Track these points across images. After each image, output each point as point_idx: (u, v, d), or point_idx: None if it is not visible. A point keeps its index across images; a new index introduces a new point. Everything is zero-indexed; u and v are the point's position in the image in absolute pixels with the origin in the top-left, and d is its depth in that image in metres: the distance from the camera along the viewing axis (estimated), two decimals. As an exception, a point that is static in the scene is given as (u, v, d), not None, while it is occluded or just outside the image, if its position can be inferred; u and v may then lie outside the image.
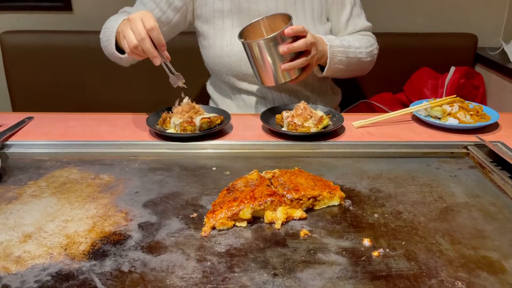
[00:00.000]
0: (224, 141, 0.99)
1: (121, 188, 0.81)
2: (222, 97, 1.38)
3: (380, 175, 0.86)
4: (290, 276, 0.59)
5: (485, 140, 0.94)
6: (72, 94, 1.87)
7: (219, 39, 1.25)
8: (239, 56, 1.22)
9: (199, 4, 1.26)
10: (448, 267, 0.61)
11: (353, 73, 1.29)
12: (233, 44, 1.23)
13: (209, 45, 1.28)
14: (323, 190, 0.75)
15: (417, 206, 0.76)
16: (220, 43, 1.25)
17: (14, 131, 1.02)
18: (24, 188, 0.81)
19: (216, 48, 1.26)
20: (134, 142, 0.97)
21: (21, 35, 1.85)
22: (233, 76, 1.28)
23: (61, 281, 0.58)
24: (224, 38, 1.25)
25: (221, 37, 1.25)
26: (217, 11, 1.24)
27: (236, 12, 1.23)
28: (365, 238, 0.67)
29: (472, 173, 0.88)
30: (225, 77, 1.29)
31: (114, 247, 0.65)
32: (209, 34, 1.27)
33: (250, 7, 1.22)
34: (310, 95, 1.32)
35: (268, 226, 0.70)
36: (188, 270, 0.60)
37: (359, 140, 0.99)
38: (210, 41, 1.27)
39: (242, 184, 0.77)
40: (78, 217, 0.72)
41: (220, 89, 1.38)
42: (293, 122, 0.99)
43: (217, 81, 1.37)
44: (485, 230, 0.70)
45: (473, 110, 1.08)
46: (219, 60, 1.26)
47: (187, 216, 0.73)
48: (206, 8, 1.25)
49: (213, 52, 1.27)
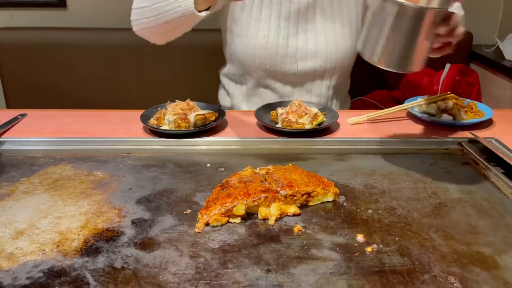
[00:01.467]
0: (218, 137, 0.98)
1: (114, 184, 0.81)
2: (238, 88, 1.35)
3: (374, 171, 0.87)
4: (284, 272, 0.59)
5: (479, 137, 0.94)
6: (66, 91, 1.87)
7: (254, 29, 1.21)
8: (275, 50, 1.20)
9: None
10: (441, 262, 0.61)
11: None
12: (269, 37, 1.20)
13: (242, 34, 1.23)
14: (317, 186, 0.75)
15: (411, 202, 0.76)
16: (256, 33, 1.20)
17: (7, 128, 1.01)
18: (16, 185, 0.80)
19: (251, 38, 1.21)
20: (128, 138, 0.97)
21: (16, 32, 1.84)
22: (262, 70, 1.25)
23: (53, 277, 0.57)
24: (260, 29, 1.20)
25: (257, 26, 1.21)
26: None
27: (276, 2, 1.19)
28: (359, 234, 0.67)
29: (466, 169, 0.88)
30: (253, 69, 1.26)
31: (107, 243, 0.64)
32: (243, 21, 1.22)
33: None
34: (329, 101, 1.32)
35: (262, 222, 0.70)
36: (181, 266, 0.60)
37: (353, 137, 0.99)
38: (244, 29, 1.22)
39: (236, 180, 0.77)
40: (71, 213, 0.72)
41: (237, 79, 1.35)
42: (287, 119, 0.99)
43: (237, 72, 1.32)
44: (478, 225, 0.70)
45: (468, 106, 1.08)
46: (252, 51, 1.22)
47: (180, 212, 0.72)
48: None
49: (246, 41, 1.22)
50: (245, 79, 1.32)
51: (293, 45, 1.21)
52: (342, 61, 1.25)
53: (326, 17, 1.21)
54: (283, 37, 1.21)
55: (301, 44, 1.22)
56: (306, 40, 1.22)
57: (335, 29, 1.22)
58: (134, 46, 1.80)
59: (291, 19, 1.20)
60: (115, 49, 1.82)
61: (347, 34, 1.24)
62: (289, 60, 1.23)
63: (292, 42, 1.21)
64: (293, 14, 1.20)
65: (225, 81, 1.39)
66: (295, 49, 1.22)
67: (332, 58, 1.23)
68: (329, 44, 1.22)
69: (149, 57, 1.82)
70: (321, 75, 1.26)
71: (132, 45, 1.80)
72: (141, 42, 1.23)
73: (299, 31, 1.22)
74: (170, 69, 1.84)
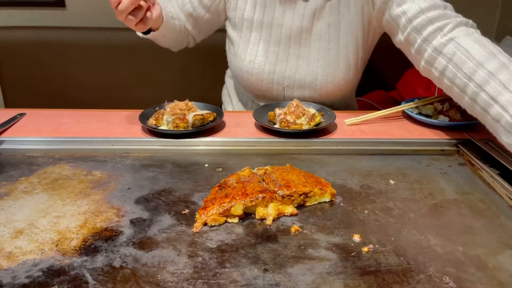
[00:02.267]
0: (216, 138, 0.99)
1: (113, 184, 0.82)
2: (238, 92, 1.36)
3: (371, 172, 0.87)
4: (281, 271, 0.59)
5: (475, 138, 0.95)
6: (65, 90, 1.87)
7: (243, 51, 1.19)
8: (260, 76, 1.18)
9: (229, 6, 1.20)
10: (436, 262, 0.62)
11: None
12: (254, 62, 1.17)
13: (234, 53, 1.22)
14: (314, 186, 0.76)
15: (407, 202, 0.77)
16: (244, 57, 1.19)
17: (5, 127, 1.02)
18: (15, 184, 0.81)
19: (239, 60, 1.20)
20: (127, 138, 0.97)
21: (14, 31, 1.84)
22: (250, 93, 1.25)
23: (52, 276, 0.58)
24: (247, 52, 1.18)
25: (245, 49, 1.19)
26: (246, 20, 1.17)
27: (267, 26, 1.16)
28: (355, 234, 0.67)
29: (461, 170, 0.89)
30: (243, 87, 1.26)
31: (105, 243, 0.65)
32: (235, 42, 1.21)
33: (283, 23, 1.14)
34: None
35: (259, 222, 0.71)
36: (179, 266, 0.60)
37: (350, 137, 1.00)
38: (236, 49, 1.21)
39: (234, 180, 0.77)
40: (69, 213, 0.72)
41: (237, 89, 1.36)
42: (285, 119, 1.00)
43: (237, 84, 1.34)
44: (473, 226, 0.70)
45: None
46: (241, 74, 1.21)
47: (179, 212, 0.73)
48: (235, 13, 1.19)
49: (235, 62, 1.22)
50: (242, 91, 1.32)
51: (281, 72, 1.17)
52: (332, 93, 1.19)
53: (322, 44, 1.15)
54: (270, 63, 1.17)
55: (289, 72, 1.17)
56: (296, 68, 1.17)
57: (329, 59, 1.16)
58: (133, 45, 1.80)
59: (282, 45, 1.16)
60: (114, 49, 1.82)
61: (342, 66, 1.16)
62: (276, 87, 1.19)
63: (280, 69, 1.17)
64: (284, 39, 1.16)
65: (228, 84, 1.40)
66: (282, 77, 1.17)
67: (322, 91, 1.18)
68: (320, 76, 1.16)
69: (148, 57, 1.83)
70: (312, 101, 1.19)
71: (131, 44, 1.81)
72: (140, 42, 1.23)
73: (290, 57, 1.17)
74: (169, 69, 1.84)
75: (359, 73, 1.24)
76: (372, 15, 1.13)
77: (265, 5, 1.16)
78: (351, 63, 1.17)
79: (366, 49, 1.21)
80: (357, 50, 1.17)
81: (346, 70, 1.17)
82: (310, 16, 1.13)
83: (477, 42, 0.92)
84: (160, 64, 1.84)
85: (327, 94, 1.17)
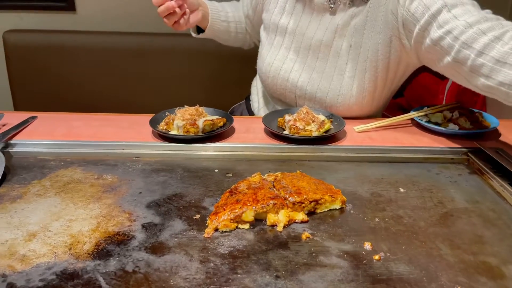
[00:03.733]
0: (226, 143, 1.00)
1: (124, 188, 0.82)
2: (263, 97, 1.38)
3: (381, 180, 0.87)
4: (292, 279, 0.60)
5: (485, 147, 0.95)
6: (74, 94, 1.89)
7: (265, 52, 1.23)
8: (275, 80, 1.20)
9: (264, 8, 1.25)
10: (448, 271, 0.62)
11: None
12: (272, 65, 1.20)
13: (259, 53, 1.27)
14: (325, 193, 0.76)
15: (417, 211, 0.77)
16: (265, 58, 1.22)
17: (18, 130, 1.03)
18: (28, 187, 0.82)
19: (261, 60, 1.25)
20: (137, 143, 0.98)
21: (24, 34, 1.86)
22: (268, 93, 1.29)
23: (66, 280, 0.58)
24: (268, 54, 1.21)
25: (267, 51, 1.22)
26: (273, 23, 1.20)
27: (290, 32, 1.17)
28: (366, 242, 0.68)
29: (471, 179, 0.89)
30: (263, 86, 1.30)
31: (118, 247, 0.65)
32: (262, 42, 1.26)
33: (305, 33, 1.15)
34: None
35: (270, 229, 0.71)
36: (191, 271, 0.61)
37: (360, 145, 1.00)
38: (261, 49, 1.26)
39: (244, 186, 0.78)
40: (82, 216, 0.73)
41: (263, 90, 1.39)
42: (295, 126, 1.00)
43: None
44: (484, 235, 0.70)
45: (473, 116, 1.09)
46: (260, 72, 1.26)
47: (190, 217, 0.73)
48: (266, 15, 1.23)
49: (259, 61, 1.27)
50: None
51: (294, 81, 1.18)
52: (342, 114, 1.13)
53: (338, 63, 1.13)
54: (285, 70, 1.18)
55: (301, 83, 1.17)
56: (309, 81, 1.16)
57: (342, 81, 1.13)
58: (141, 49, 1.82)
59: (300, 54, 1.17)
60: (123, 53, 1.83)
61: (355, 92, 1.12)
62: (288, 94, 1.21)
63: (294, 78, 1.18)
64: (303, 49, 1.16)
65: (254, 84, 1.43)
66: (295, 87, 1.18)
67: (332, 109, 1.15)
68: (331, 95, 1.14)
69: (157, 61, 1.84)
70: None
71: (140, 49, 1.82)
72: (149, 46, 1.25)
73: (306, 68, 1.17)
74: (178, 73, 1.85)
75: (378, 101, 1.18)
76: (407, 49, 1.06)
77: (293, 12, 1.18)
78: (365, 89, 1.12)
79: (388, 80, 1.14)
80: (375, 79, 1.12)
81: (359, 96, 1.13)
82: (332, 31, 1.11)
83: None
84: (169, 68, 1.85)
85: (337, 112, 1.13)
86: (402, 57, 1.10)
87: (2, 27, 1.84)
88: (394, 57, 1.09)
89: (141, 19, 1.89)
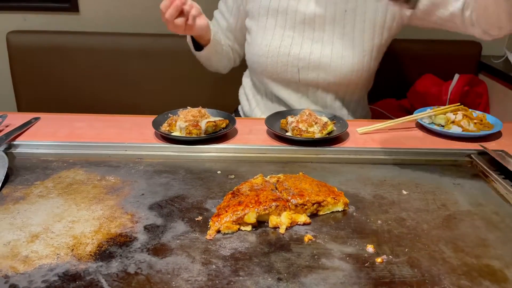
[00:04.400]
0: (229, 145, 0.99)
1: (127, 190, 0.82)
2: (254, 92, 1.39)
3: (383, 182, 0.87)
4: (294, 281, 0.59)
5: (488, 149, 0.95)
6: (77, 95, 1.89)
7: (260, 37, 1.26)
8: (275, 58, 1.23)
9: (248, 1, 1.28)
10: (451, 274, 0.61)
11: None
12: (271, 45, 1.23)
13: (251, 41, 1.29)
14: (327, 195, 0.76)
15: (420, 213, 0.77)
16: (260, 42, 1.25)
17: (21, 131, 1.03)
18: (31, 188, 0.82)
19: (256, 46, 1.26)
20: (140, 144, 0.98)
21: (28, 35, 1.86)
22: (267, 78, 1.29)
23: (68, 281, 0.58)
24: (264, 37, 1.25)
25: (262, 35, 1.25)
26: (263, 8, 1.24)
27: (282, 12, 1.22)
28: (369, 244, 0.67)
29: (475, 181, 0.89)
30: (259, 76, 1.30)
31: (120, 248, 0.65)
32: (253, 30, 1.28)
33: (297, 9, 1.21)
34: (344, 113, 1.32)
35: (272, 231, 0.71)
36: (193, 273, 0.60)
37: (363, 146, 1.00)
38: (252, 37, 1.28)
39: (247, 188, 0.78)
40: (84, 218, 0.73)
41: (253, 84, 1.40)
42: (297, 128, 1.00)
43: (252, 77, 1.38)
44: (487, 238, 0.70)
45: (477, 118, 1.08)
46: (257, 58, 1.27)
47: (192, 219, 0.73)
48: (254, 3, 1.27)
49: (252, 49, 1.28)
50: (258, 85, 1.35)
51: (295, 54, 1.22)
52: (346, 77, 1.22)
53: (336, 29, 1.20)
54: (285, 46, 1.23)
55: (303, 54, 1.22)
56: (311, 51, 1.21)
57: (343, 43, 1.21)
58: (145, 51, 1.82)
59: (296, 29, 1.22)
60: (126, 54, 1.83)
61: (356, 50, 1.21)
62: (291, 69, 1.24)
63: (295, 51, 1.22)
64: (298, 24, 1.21)
65: (245, 83, 1.43)
66: (297, 59, 1.22)
67: (336, 72, 1.21)
68: (334, 58, 1.20)
69: (160, 62, 1.84)
70: (325, 87, 1.26)
71: (143, 49, 1.82)
72: (152, 47, 1.25)
73: (305, 40, 1.22)
74: (182, 74, 1.85)
75: (374, 62, 1.26)
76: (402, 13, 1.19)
77: None
78: (366, 48, 1.21)
79: (383, 37, 1.23)
80: (372, 37, 1.21)
81: (361, 55, 1.21)
82: (323, 1, 1.18)
83: None
84: (172, 69, 1.85)
85: (341, 76, 1.21)
86: (396, 15, 1.20)
87: (6, 27, 1.85)
88: (390, 16, 1.20)
89: (145, 20, 1.89)
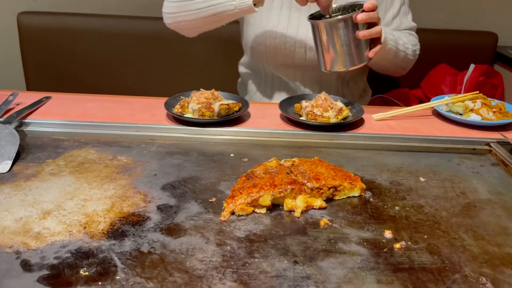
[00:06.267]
0: (242, 128, 0.98)
1: (139, 170, 0.81)
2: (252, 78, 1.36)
3: (400, 168, 0.85)
4: (311, 264, 0.58)
5: (509, 138, 0.92)
6: (87, 77, 1.87)
7: (265, 18, 1.23)
8: (283, 39, 1.21)
9: None
10: (472, 262, 0.60)
11: (395, 67, 1.24)
12: (278, 26, 1.21)
13: (254, 23, 1.25)
14: (344, 180, 0.74)
15: (438, 200, 0.75)
16: (266, 23, 1.22)
17: (32, 109, 1.02)
18: (42, 166, 0.81)
19: (261, 27, 1.23)
20: (152, 125, 0.96)
21: (38, 16, 1.84)
22: (272, 60, 1.26)
23: (81, 258, 0.57)
24: (270, 18, 1.22)
25: (268, 16, 1.22)
26: None
27: None
28: (387, 230, 0.66)
29: (494, 170, 0.86)
30: (263, 59, 1.27)
31: (133, 227, 0.64)
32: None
33: None
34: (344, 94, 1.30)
35: (287, 214, 0.69)
36: (208, 254, 0.59)
37: (379, 133, 0.98)
38: (256, 18, 1.24)
39: (261, 171, 0.76)
40: (96, 196, 0.72)
41: (252, 70, 1.37)
42: (312, 112, 0.98)
43: (251, 62, 1.35)
44: (508, 227, 0.68)
45: (496, 107, 1.06)
46: (262, 39, 1.24)
47: (206, 200, 0.72)
48: None
49: (256, 30, 1.25)
50: (258, 69, 1.33)
51: (303, 34, 1.20)
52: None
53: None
54: (292, 26, 1.21)
55: (311, 33, 1.18)
56: None
57: None
58: (157, 33, 1.80)
59: (303, 10, 1.19)
60: (137, 37, 1.82)
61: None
62: (298, 49, 1.22)
63: (302, 31, 1.20)
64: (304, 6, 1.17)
65: (242, 71, 1.41)
66: (305, 38, 1.21)
67: None
68: None
69: (170, 46, 1.82)
70: None
71: (154, 33, 1.80)
72: (165, 30, 1.23)
73: None
74: (194, 58, 1.83)
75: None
76: None
77: None
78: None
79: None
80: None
81: None
82: None
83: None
84: (183, 53, 1.83)
85: None
86: None
87: (16, 8, 1.83)
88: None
89: (157, 2, 1.86)
